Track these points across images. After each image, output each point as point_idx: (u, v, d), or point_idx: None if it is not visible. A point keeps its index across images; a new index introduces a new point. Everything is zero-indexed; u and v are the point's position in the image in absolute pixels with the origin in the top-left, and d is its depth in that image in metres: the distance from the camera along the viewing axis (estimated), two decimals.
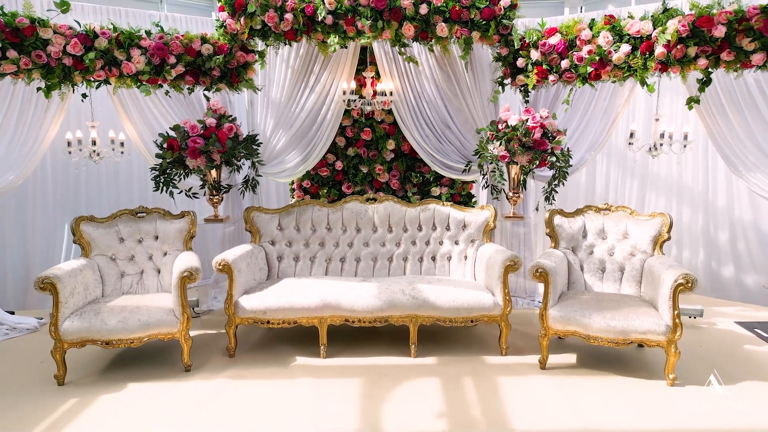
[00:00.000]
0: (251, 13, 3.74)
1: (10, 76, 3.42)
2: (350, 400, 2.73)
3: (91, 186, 4.67)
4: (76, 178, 4.60)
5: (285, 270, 3.79)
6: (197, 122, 3.68)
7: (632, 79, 3.53)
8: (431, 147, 4.16)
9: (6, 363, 3.27)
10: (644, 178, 4.86)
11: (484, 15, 3.74)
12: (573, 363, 3.19)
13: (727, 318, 3.97)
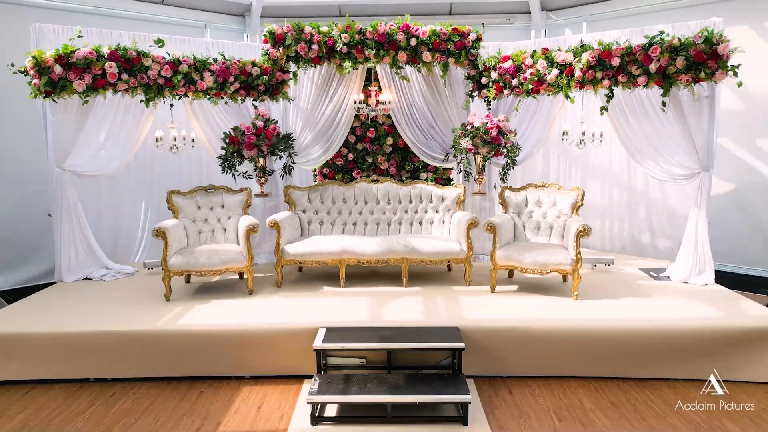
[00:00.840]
0: (288, 44, 5.19)
1: (122, 92, 4.87)
2: (362, 307, 4.18)
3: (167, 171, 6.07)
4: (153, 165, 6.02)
5: (313, 230, 5.24)
6: (250, 124, 5.13)
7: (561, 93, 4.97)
8: (419, 142, 5.60)
9: (126, 291, 4.71)
10: (585, 166, 6.29)
11: (457, 46, 5.19)
12: (514, 289, 4.64)
13: (635, 267, 5.41)
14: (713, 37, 4.26)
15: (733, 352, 3.67)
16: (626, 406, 3.40)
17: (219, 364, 3.79)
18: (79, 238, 5.09)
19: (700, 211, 4.75)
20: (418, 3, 7.44)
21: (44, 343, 3.74)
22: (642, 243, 6.04)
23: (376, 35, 5.14)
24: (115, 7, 6.47)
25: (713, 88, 4.54)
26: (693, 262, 4.79)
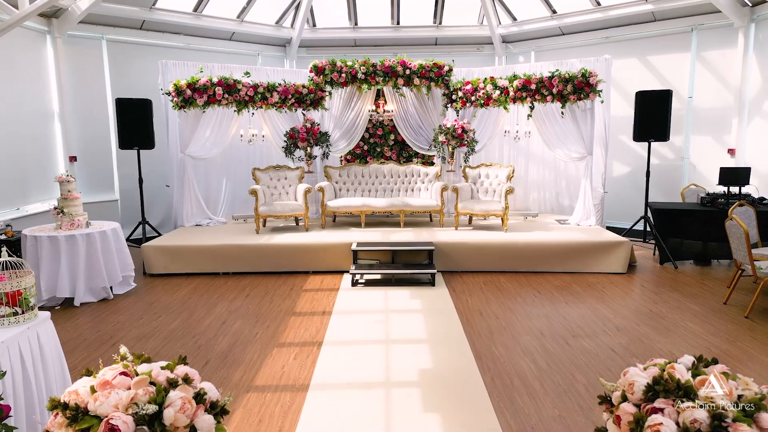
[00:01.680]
0: (325, 73, 8.00)
1: (224, 106, 7.67)
2: (376, 236, 6.99)
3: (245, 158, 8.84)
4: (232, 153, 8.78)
5: (342, 194, 8.05)
6: (302, 126, 7.93)
7: (501, 106, 7.78)
8: (412, 138, 8.40)
9: (227, 230, 7.50)
10: (526, 153, 9.08)
11: (436, 75, 8.00)
12: (470, 229, 7.45)
13: (552, 218, 8.22)
14: (587, 73, 7.07)
15: (590, 256, 6.48)
16: (525, 281, 6.23)
17: (294, 264, 6.61)
18: (193, 199, 7.90)
19: (586, 180, 7.57)
20: (413, 37, 10.25)
21: (192, 251, 6.56)
22: (561, 204, 8.84)
23: (383, 67, 7.95)
24: (200, 44, 9.29)
25: (592, 104, 7.35)
26: (583, 212, 7.61)
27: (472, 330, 4.70)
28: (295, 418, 3.25)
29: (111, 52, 8.51)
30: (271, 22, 9.90)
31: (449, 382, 3.71)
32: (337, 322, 4.93)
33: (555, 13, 9.29)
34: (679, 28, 8.33)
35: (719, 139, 8.13)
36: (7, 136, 7.02)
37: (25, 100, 7.46)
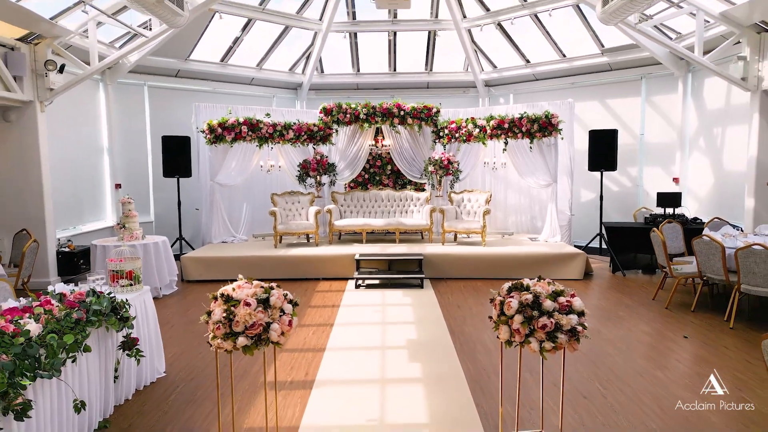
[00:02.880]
0: (333, 114, 9.51)
1: (247, 141, 9.14)
2: (375, 249, 8.36)
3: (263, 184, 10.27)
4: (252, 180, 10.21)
5: (346, 215, 9.46)
6: (313, 158, 9.39)
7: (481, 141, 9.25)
8: (406, 168, 9.85)
9: (250, 246, 8.88)
10: (506, 182, 10.52)
11: (426, 115, 9.51)
12: (455, 244, 8.83)
13: (525, 236, 9.60)
14: (550, 115, 8.57)
15: (553, 265, 7.84)
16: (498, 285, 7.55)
17: (307, 272, 7.96)
18: (220, 220, 9.30)
19: (552, 203, 8.98)
20: (408, 81, 11.83)
21: (222, 261, 7.92)
22: (535, 225, 10.21)
23: (381, 109, 9.45)
24: (225, 88, 10.85)
25: (555, 140, 8.81)
26: (550, 231, 9.00)
27: (450, 317, 6.03)
28: (316, 367, 4.58)
29: (151, 95, 10.06)
30: (285, 69, 11.49)
31: (429, 347, 5.05)
32: (344, 312, 6.27)
33: (529, 63, 10.87)
34: (631, 77, 9.88)
35: (667, 169, 9.58)
36: (67, 167, 8.45)
37: (82, 137, 8.94)
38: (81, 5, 7.27)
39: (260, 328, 2.57)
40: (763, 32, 7.25)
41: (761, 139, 7.35)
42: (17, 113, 7.40)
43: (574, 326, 2.57)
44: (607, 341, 5.23)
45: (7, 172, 7.44)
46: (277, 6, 9.89)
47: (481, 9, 10.11)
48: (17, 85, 7.12)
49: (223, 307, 2.61)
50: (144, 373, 4.13)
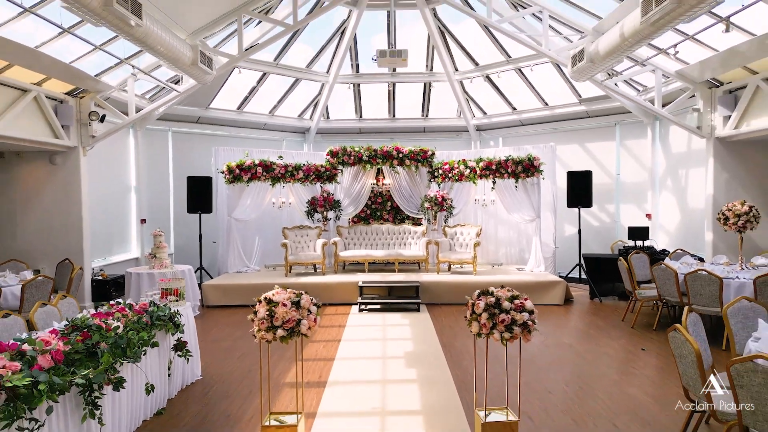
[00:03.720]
0: (338, 156, 10.57)
1: (262, 181, 10.17)
2: (376, 277, 9.27)
3: (274, 219, 11.25)
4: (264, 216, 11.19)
5: (350, 247, 10.39)
6: (320, 196, 10.39)
7: (471, 181, 10.27)
8: (404, 204, 10.85)
9: (263, 275, 9.78)
10: (495, 217, 11.49)
11: (422, 157, 10.58)
12: (449, 273, 9.73)
13: (513, 266, 10.50)
14: (532, 157, 9.62)
15: (536, 291, 8.73)
16: None
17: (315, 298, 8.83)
18: (235, 251, 10.24)
19: (536, 237, 9.93)
20: (406, 126, 12.97)
21: (239, 288, 8.81)
22: (523, 257, 11.12)
23: (382, 152, 10.51)
24: (241, 133, 11.97)
25: (537, 180, 9.83)
26: (535, 261, 9.92)
27: (442, 334, 6.90)
28: (328, 372, 5.44)
29: (174, 140, 11.15)
30: (295, 115, 12.64)
31: (423, 357, 5.92)
32: (349, 331, 7.14)
33: (515, 110, 12.02)
34: (606, 123, 10.99)
35: (640, 206, 10.57)
36: (99, 204, 9.43)
37: (113, 177, 9.97)
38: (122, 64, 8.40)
39: (293, 322, 3.48)
40: (713, 87, 8.37)
41: (716, 179, 8.38)
42: (63, 157, 8.44)
43: (525, 321, 3.47)
44: (577, 353, 6.10)
45: (52, 209, 8.43)
46: (288, 61, 11.10)
47: (471, 64, 11.32)
48: (65, 133, 8.19)
49: (266, 307, 3.52)
50: (186, 374, 5.00)
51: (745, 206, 6.75)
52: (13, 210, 8.50)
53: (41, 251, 8.40)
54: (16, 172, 8.52)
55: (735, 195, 8.15)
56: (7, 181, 8.51)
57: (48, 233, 8.42)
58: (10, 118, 7.08)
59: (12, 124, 7.14)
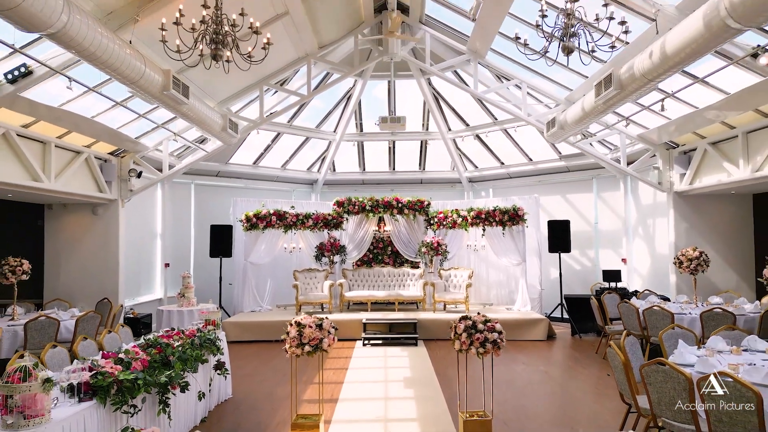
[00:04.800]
0: (344, 205, 11.79)
1: (275, 228, 11.33)
2: (378, 315, 10.29)
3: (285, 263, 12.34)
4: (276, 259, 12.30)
5: (354, 288, 11.46)
6: (328, 241, 11.54)
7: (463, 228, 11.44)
8: (403, 249, 11.98)
9: (275, 313, 10.79)
10: (487, 261, 12.59)
11: (419, 207, 11.79)
12: (444, 312, 10.76)
13: (503, 306, 11.52)
14: (516, 208, 10.83)
15: (522, 328, 9.73)
16: None
17: None
18: (250, 292, 11.29)
19: (523, 279, 11.01)
20: (405, 178, 14.26)
21: (255, 325, 9.82)
22: (513, 298, 12.15)
23: (383, 202, 11.73)
24: (256, 185, 13.24)
25: (522, 228, 10.99)
26: (521, 302, 10.96)
27: (437, 364, 7.89)
28: (338, 392, 6.44)
29: (196, 191, 12.40)
30: (304, 168, 13.95)
31: (419, 381, 6.92)
32: (355, 361, 8.14)
33: (503, 164, 13.33)
34: (585, 177, 12.26)
35: (616, 251, 11.70)
36: (129, 249, 10.55)
37: (142, 225, 11.14)
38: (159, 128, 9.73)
39: (317, 340, 4.55)
40: (671, 148, 9.67)
41: (677, 228, 9.55)
42: (104, 208, 9.64)
43: (495, 339, 4.54)
44: (552, 377, 7.10)
45: (92, 254, 9.56)
46: (300, 122, 12.49)
47: (462, 124, 12.72)
48: (107, 188, 9.42)
49: (296, 329, 4.60)
50: (221, 391, 6.01)
51: (696, 252, 7.90)
52: (58, 255, 9.63)
53: (81, 291, 9.46)
54: (62, 221, 9.70)
55: (694, 242, 9.29)
56: (54, 229, 9.67)
57: (88, 275, 9.52)
58: (67, 176, 8.32)
59: (68, 182, 8.37)
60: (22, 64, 6.00)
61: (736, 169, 8.02)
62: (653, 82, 5.99)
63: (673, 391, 3.81)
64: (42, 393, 3.10)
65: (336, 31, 9.61)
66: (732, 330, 5.54)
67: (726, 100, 7.28)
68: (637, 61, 5.98)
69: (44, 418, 3.11)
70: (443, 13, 9.77)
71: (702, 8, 4.72)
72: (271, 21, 7.87)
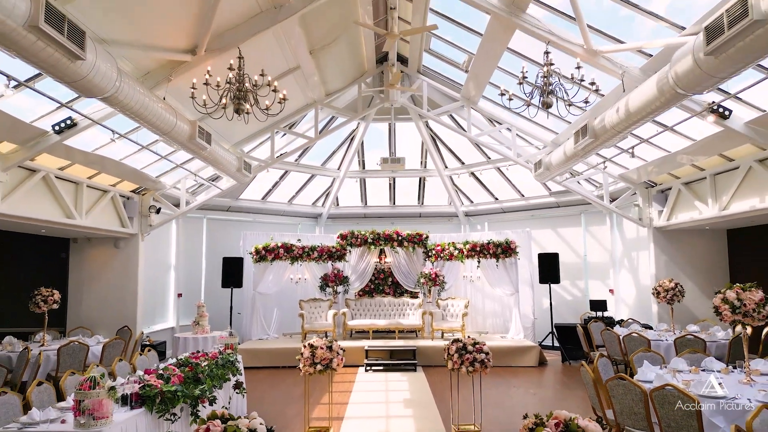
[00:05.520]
0: (347, 238, 12.53)
1: (283, 260, 12.05)
2: (380, 343, 10.92)
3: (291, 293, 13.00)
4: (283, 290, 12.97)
5: (357, 317, 12.10)
6: (332, 273, 12.24)
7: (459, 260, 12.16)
8: (403, 280, 12.66)
9: (282, 341, 11.41)
10: (482, 292, 13.25)
11: (418, 240, 12.53)
12: (443, 339, 11.38)
13: (498, 335, 12.14)
14: (509, 241, 11.57)
15: (514, 355, 10.35)
16: None
17: None
18: (258, 321, 11.93)
19: (516, 308, 11.67)
20: (404, 212, 15.04)
21: (264, 352, 10.44)
22: (507, 327, 12.79)
23: (384, 235, 12.47)
24: (264, 219, 14.02)
25: (514, 260, 11.70)
26: (515, 330, 11.60)
27: (434, 388, 8.51)
28: (344, 411, 7.06)
29: (208, 225, 13.17)
30: (309, 203, 14.76)
31: (418, 401, 7.54)
32: (358, 385, 8.75)
33: (497, 200, 14.14)
34: (573, 212, 13.05)
35: (605, 282, 12.39)
36: (147, 281, 11.26)
37: (157, 257, 11.87)
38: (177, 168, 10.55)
39: (328, 360, 5.24)
40: (650, 187, 10.47)
41: (657, 261, 10.28)
42: (125, 242, 10.39)
43: (483, 359, 5.23)
44: (541, 400, 7.72)
45: (113, 284, 10.26)
46: (307, 161, 13.36)
47: (458, 162, 13.58)
48: (129, 223, 10.18)
49: (310, 350, 5.29)
50: (238, 409, 6.64)
51: (671, 283, 8.62)
52: (81, 285, 10.33)
53: (101, 320, 10.13)
54: (86, 254, 10.44)
55: (673, 274, 10.01)
56: (78, 261, 10.40)
57: (108, 305, 10.20)
58: (95, 213, 9.10)
59: (96, 218, 9.14)
60: (68, 117, 6.84)
61: (706, 208, 8.80)
62: (622, 134, 6.82)
63: (632, 401, 4.48)
64: (107, 399, 3.79)
65: (341, 80, 10.54)
66: (695, 353, 6.22)
67: (694, 146, 8.11)
68: (607, 115, 6.82)
69: (108, 420, 3.80)
70: (439, 65, 10.73)
71: (655, 75, 5.57)
72: (284, 74, 8.78)
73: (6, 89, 5.82)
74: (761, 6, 3.86)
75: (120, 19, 5.82)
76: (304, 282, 12.60)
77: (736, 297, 4.88)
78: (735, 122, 6.76)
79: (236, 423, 3.07)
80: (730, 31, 4.12)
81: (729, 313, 4.92)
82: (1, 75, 5.49)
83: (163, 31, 6.43)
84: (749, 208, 7.72)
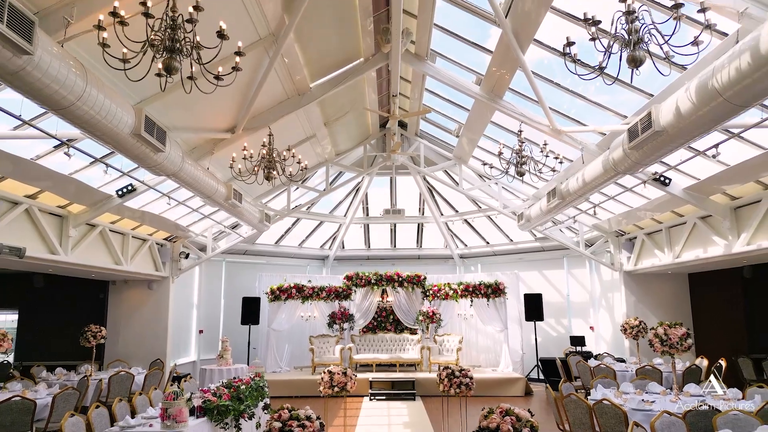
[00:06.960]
0: (353, 279, 13.90)
1: (294, 299, 13.39)
2: (382, 375, 12.15)
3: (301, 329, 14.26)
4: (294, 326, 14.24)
5: (361, 351, 13.34)
6: (339, 311, 13.55)
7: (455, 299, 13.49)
8: (403, 317, 13.96)
9: (293, 373, 12.63)
10: (476, 328, 14.50)
11: (417, 280, 13.90)
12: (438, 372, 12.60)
13: (489, 369, 13.34)
14: (498, 282, 12.93)
15: (502, 386, 11.57)
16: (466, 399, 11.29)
17: None
18: (272, 355, 13.17)
19: (505, 344, 12.93)
20: (404, 254, 16.45)
21: (278, 383, 11.67)
22: (498, 360, 14.00)
23: (386, 276, 13.83)
24: (277, 261, 15.42)
25: (503, 299, 13.03)
26: (504, 364, 12.83)
27: (431, 415, 9.73)
28: None
29: (227, 268, 14.56)
30: (317, 246, 16.19)
31: (416, 425, 8.79)
32: (364, 412, 9.98)
33: (488, 244, 15.58)
34: (557, 256, 14.45)
35: (585, 320, 13.70)
36: (174, 319, 12.55)
37: (182, 297, 13.21)
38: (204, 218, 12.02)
39: (343, 383, 6.55)
40: (619, 236, 11.92)
41: (627, 302, 11.63)
42: (157, 284, 11.76)
43: (467, 383, 6.54)
44: None
45: (147, 322, 11.58)
46: (316, 209, 14.86)
47: (452, 210, 15.08)
48: (163, 267, 11.58)
49: (329, 375, 6.61)
50: None
51: (636, 321, 9.98)
52: (119, 323, 11.66)
53: (136, 354, 11.41)
54: (123, 295, 11.80)
55: (641, 313, 11.35)
56: (117, 301, 11.76)
57: (142, 340, 11.50)
58: (137, 259, 10.52)
59: (137, 264, 10.56)
60: (129, 184, 8.35)
61: (663, 255, 10.22)
62: (583, 197, 8.32)
63: (581, 413, 5.81)
64: (185, 407, 5.13)
65: (349, 142, 12.14)
66: (644, 380, 7.53)
67: (650, 204, 9.60)
68: (570, 181, 8.33)
69: (185, 424, 5.13)
70: (434, 129, 12.33)
71: (601, 157, 7.09)
72: (302, 141, 10.35)
73: (85, 165, 7.34)
74: (660, 121, 5.39)
75: (181, 111, 7.39)
76: (313, 319, 13.89)
77: (664, 332, 6.26)
78: (675, 188, 8.26)
79: (297, 412, 4.41)
80: (643, 135, 5.64)
81: (659, 345, 6.29)
82: (82, 153, 7.01)
83: (211, 117, 8.01)
84: (694, 257, 9.15)
